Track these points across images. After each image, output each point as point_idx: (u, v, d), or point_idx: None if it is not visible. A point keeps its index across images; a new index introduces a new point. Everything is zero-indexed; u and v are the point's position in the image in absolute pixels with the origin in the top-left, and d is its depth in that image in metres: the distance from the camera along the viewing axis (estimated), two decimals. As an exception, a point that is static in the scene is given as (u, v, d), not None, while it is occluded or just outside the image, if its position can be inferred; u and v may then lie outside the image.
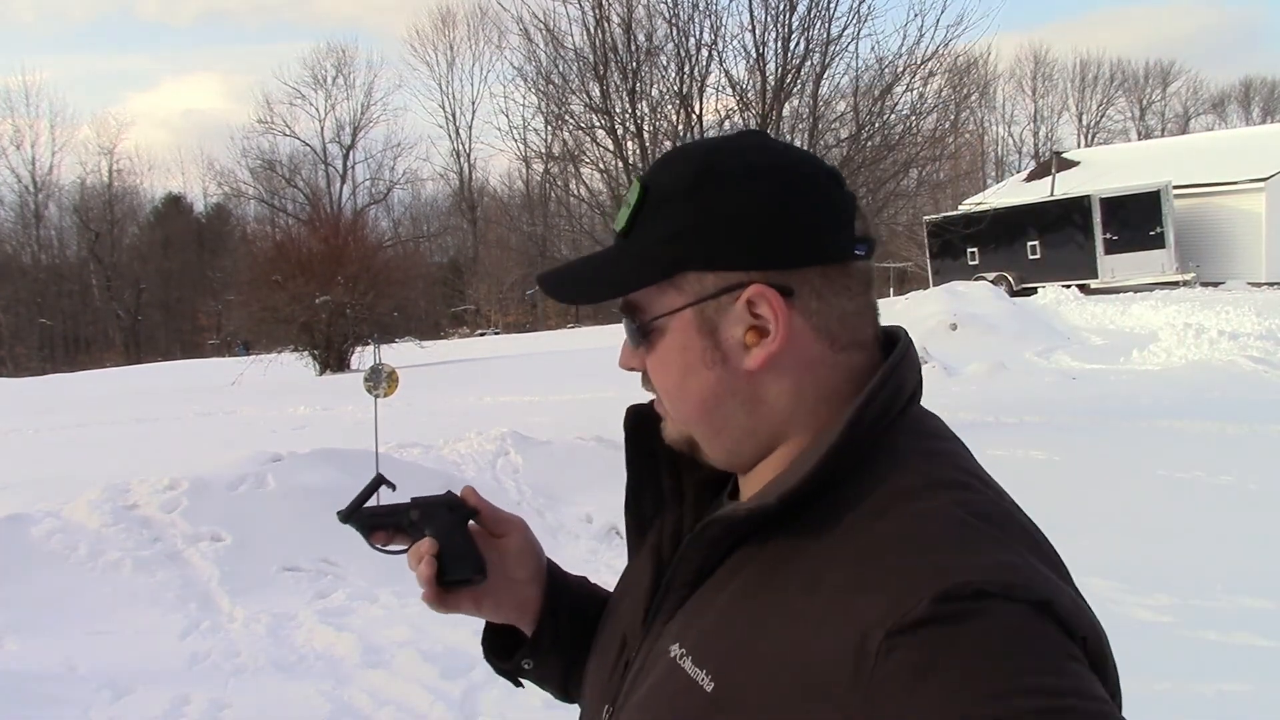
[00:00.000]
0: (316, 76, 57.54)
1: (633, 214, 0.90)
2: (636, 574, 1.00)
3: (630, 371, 0.95)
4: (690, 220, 0.86)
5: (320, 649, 4.90)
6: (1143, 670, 4.10)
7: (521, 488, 7.62)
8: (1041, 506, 4.24)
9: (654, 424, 0.97)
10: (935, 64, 10.00)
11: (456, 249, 58.72)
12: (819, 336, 0.87)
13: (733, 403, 0.88)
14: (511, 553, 1.10)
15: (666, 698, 0.84)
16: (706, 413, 0.89)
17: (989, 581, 0.71)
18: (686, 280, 0.87)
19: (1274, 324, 16.41)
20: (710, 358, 0.87)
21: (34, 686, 4.46)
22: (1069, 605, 0.73)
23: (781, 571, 0.81)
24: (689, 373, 0.88)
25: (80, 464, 9.80)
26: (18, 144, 56.44)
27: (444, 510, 1.08)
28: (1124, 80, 61.05)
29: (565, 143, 11.22)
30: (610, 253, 0.92)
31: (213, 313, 46.24)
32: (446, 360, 23.23)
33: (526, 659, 1.11)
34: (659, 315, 0.89)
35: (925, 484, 0.80)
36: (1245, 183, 26.64)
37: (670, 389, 0.90)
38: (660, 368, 0.90)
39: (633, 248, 0.90)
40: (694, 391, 0.88)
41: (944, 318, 18.60)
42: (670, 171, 0.90)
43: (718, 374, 0.87)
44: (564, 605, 1.11)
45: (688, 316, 0.87)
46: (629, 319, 0.91)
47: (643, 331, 0.90)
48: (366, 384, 7.66)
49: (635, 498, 1.01)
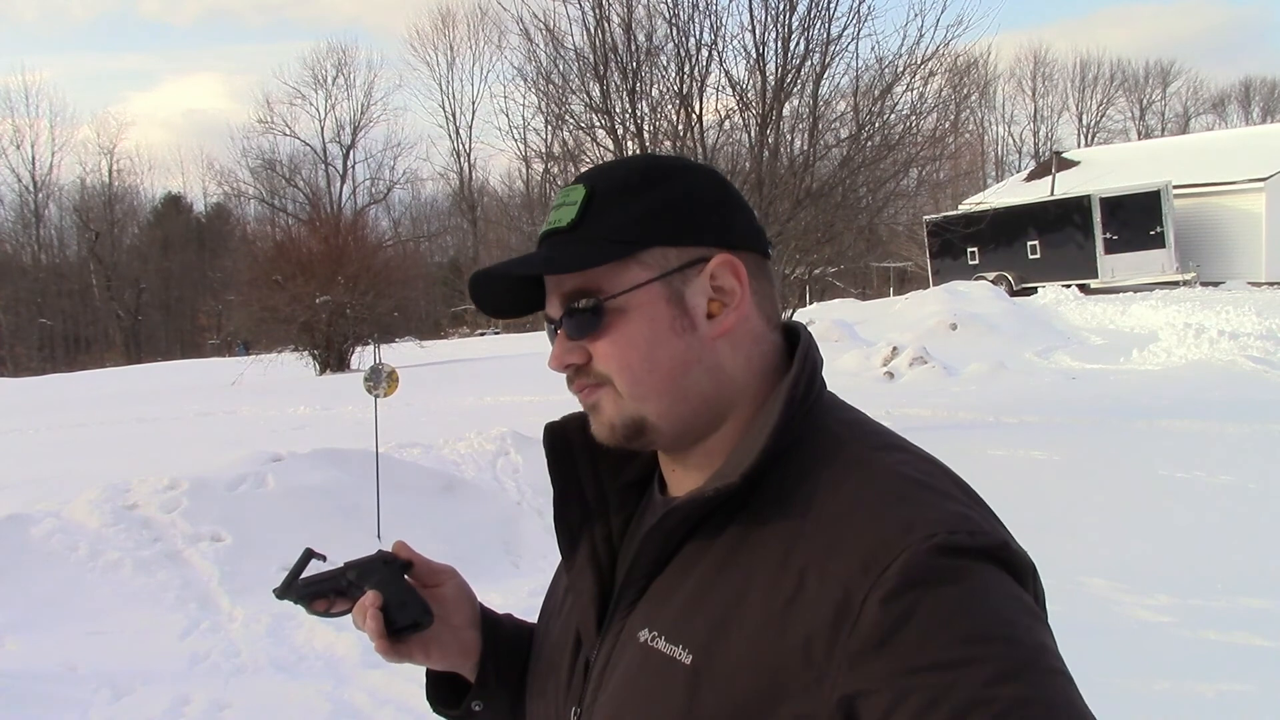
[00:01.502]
0: (316, 76, 57.57)
1: (584, 204, 0.93)
2: (577, 583, 1.01)
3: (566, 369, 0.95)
4: (650, 204, 0.93)
5: (320, 649, 4.90)
6: (1143, 670, 4.10)
7: (521, 488, 7.61)
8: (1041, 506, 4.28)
9: (571, 437, 1.03)
10: (935, 64, 10.01)
11: (456, 249, 58.70)
12: (762, 315, 0.96)
13: (698, 369, 0.92)
14: (449, 601, 1.12)
15: (645, 678, 0.88)
16: (674, 381, 0.92)
17: (953, 532, 0.79)
18: (651, 255, 0.92)
19: (1274, 324, 16.40)
20: (680, 325, 0.92)
21: (34, 686, 4.46)
22: (1016, 547, 0.82)
23: (747, 547, 0.86)
24: (657, 343, 0.92)
25: (80, 464, 9.80)
26: (18, 144, 56.54)
27: (379, 565, 1.10)
28: (1124, 80, 61.05)
29: (565, 143, 11.22)
30: (555, 245, 0.94)
31: (213, 313, 46.20)
32: (446, 360, 23.24)
33: (475, 701, 1.12)
34: (623, 290, 0.92)
35: (868, 449, 0.88)
36: (1245, 182, 26.61)
37: (635, 363, 0.92)
38: (623, 343, 0.92)
39: (586, 235, 0.93)
40: (663, 361, 0.92)
41: (944, 318, 18.60)
42: (613, 173, 0.96)
43: (686, 342, 0.92)
44: (502, 643, 1.13)
45: (656, 289, 0.92)
46: (582, 301, 0.92)
47: (599, 312, 0.92)
48: (366, 384, 7.63)
49: (563, 509, 1.04)
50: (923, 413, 10.88)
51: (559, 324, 0.95)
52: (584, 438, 1.02)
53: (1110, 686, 3.86)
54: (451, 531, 6.37)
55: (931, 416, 10.76)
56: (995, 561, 0.79)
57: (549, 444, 1.05)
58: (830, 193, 9.93)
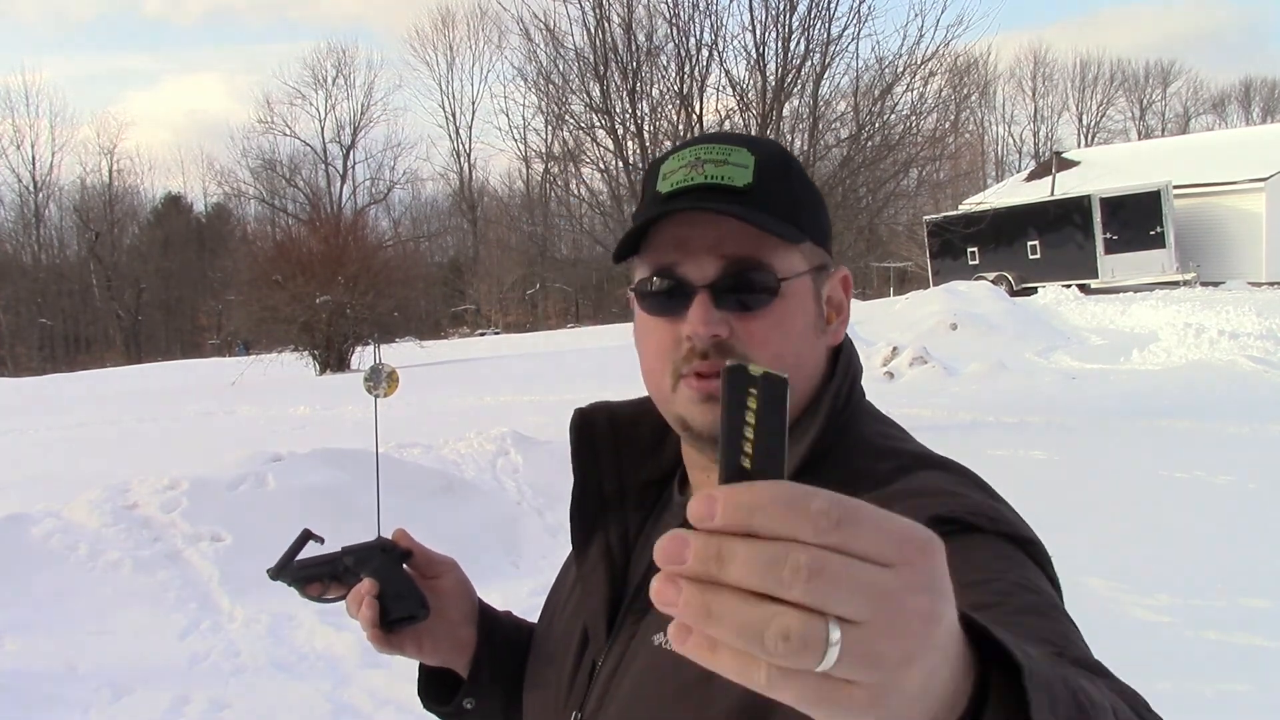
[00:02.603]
0: (317, 76, 57.61)
1: (756, 174, 0.87)
2: (589, 579, 0.98)
3: (712, 340, 0.85)
4: (806, 194, 0.91)
5: (320, 649, 4.90)
6: (1143, 670, 4.09)
7: (521, 488, 7.61)
8: (1042, 506, 4.22)
9: (598, 427, 0.99)
10: (935, 64, 10.03)
11: (456, 249, 58.74)
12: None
13: (813, 369, 0.91)
14: (447, 594, 1.09)
15: (658, 682, 0.85)
16: (801, 380, 0.90)
17: (976, 515, 0.77)
18: (807, 248, 0.90)
19: (1274, 324, 16.39)
20: (818, 324, 0.92)
21: (34, 686, 4.46)
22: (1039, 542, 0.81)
23: None
24: (804, 337, 0.90)
25: (80, 464, 9.80)
26: (18, 144, 56.56)
27: (377, 553, 1.07)
28: (1124, 80, 61.08)
29: (565, 142, 11.25)
30: (743, 204, 0.86)
31: (213, 313, 46.24)
32: (446, 360, 23.23)
33: (468, 698, 1.10)
34: (789, 276, 0.88)
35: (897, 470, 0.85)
36: (1245, 183, 26.60)
37: (786, 353, 0.87)
38: (781, 329, 0.87)
39: (762, 203, 0.86)
40: (804, 356, 0.90)
41: (944, 318, 18.58)
42: (763, 146, 0.91)
43: (814, 339, 0.91)
44: (499, 640, 1.11)
45: (809, 282, 0.90)
46: (755, 274, 0.86)
47: (771, 290, 0.86)
48: (366, 384, 7.64)
49: (580, 501, 1.01)
50: (923, 413, 10.87)
51: (709, 289, 0.85)
52: (610, 429, 1.00)
53: (1110, 686, 3.86)
54: (451, 531, 6.36)
55: (931, 416, 10.75)
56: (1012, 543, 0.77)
57: (577, 430, 1.01)
58: (830, 193, 9.93)
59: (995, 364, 14.37)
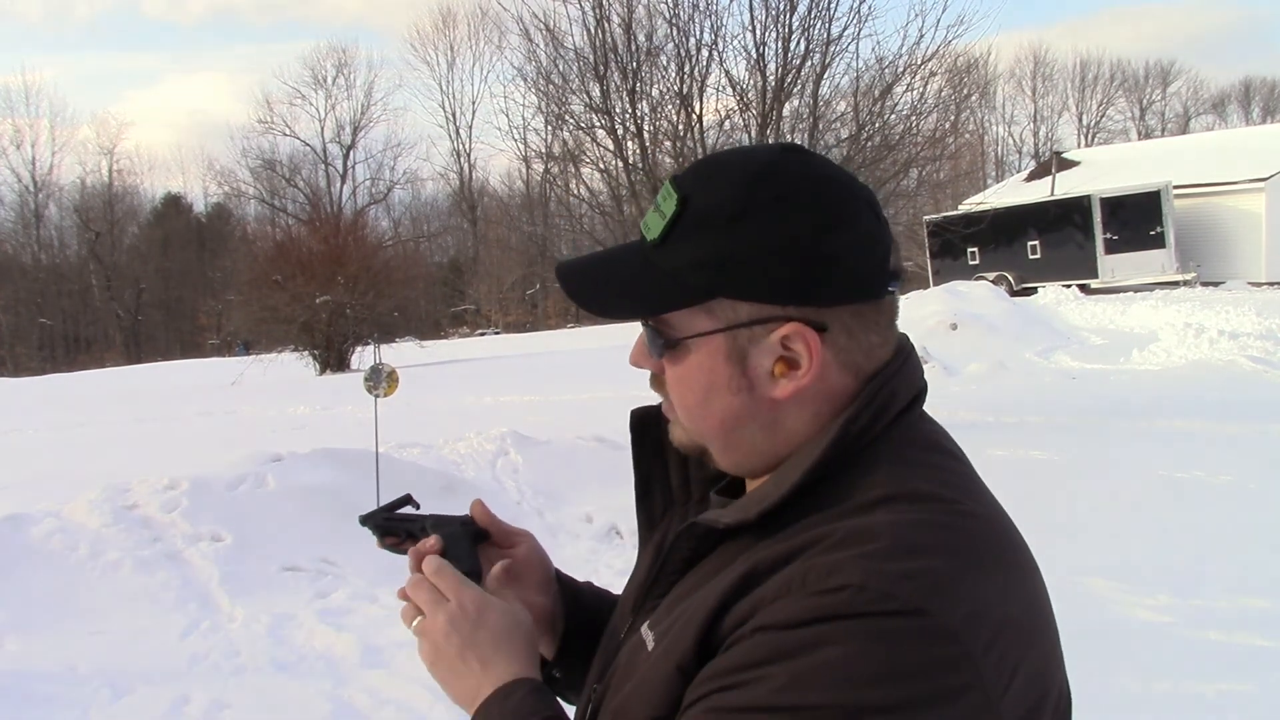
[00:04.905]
0: (317, 76, 57.64)
1: (669, 225, 0.87)
2: (637, 564, 1.04)
3: (638, 368, 0.95)
4: (730, 249, 0.84)
5: (320, 649, 4.90)
6: (1143, 670, 4.10)
7: (521, 488, 7.61)
8: (1042, 507, 4.27)
9: (659, 424, 1.00)
10: (935, 64, 10.00)
11: (456, 249, 58.77)
12: (844, 370, 0.87)
13: (753, 426, 0.88)
14: (521, 562, 1.14)
15: (629, 663, 0.90)
16: (725, 432, 0.89)
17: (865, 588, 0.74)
18: (720, 305, 0.86)
19: (1274, 324, 16.39)
20: (736, 384, 0.87)
21: (34, 686, 4.46)
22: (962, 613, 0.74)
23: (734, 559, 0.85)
24: (712, 394, 0.88)
25: (80, 464, 9.80)
26: (18, 144, 56.54)
27: (457, 526, 1.14)
28: (1124, 80, 61.10)
29: (565, 143, 11.23)
30: (638, 263, 0.90)
31: (213, 313, 46.25)
32: (446, 360, 23.24)
33: (556, 669, 1.14)
34: (688, 336, 0.87)
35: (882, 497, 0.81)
36: (1245, 183, 26.59)
37: (691, 406, 0.90)
38: (682, 384, 0.90)
39: (665, 263, 0.87)
40: (716, 412, 0.89)
41: (944, 318, 18.57)
42: (711, 189, 0.87)
43: (742, 400, 0.87)
44: (584, 611, 1.15)
45: (718, 341, 0.87)
46: (653, 332, 0.89)
47: (667, 345, 0.89)
48: (366, 384, 7.63)
49: (645, 495, 1.05)
50: (923, 413, 10.86)
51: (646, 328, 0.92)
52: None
53: (1110, 686, 3.87)
54: (451, 531, 6.36)
55: (932, 416, 10.75)
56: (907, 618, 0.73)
57: (635, 431, 1.05)
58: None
59: (995, 364, 14.37)
